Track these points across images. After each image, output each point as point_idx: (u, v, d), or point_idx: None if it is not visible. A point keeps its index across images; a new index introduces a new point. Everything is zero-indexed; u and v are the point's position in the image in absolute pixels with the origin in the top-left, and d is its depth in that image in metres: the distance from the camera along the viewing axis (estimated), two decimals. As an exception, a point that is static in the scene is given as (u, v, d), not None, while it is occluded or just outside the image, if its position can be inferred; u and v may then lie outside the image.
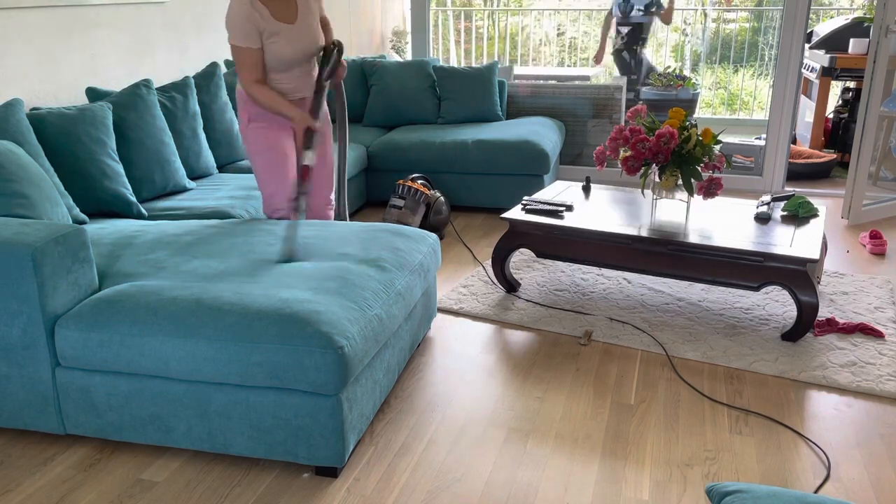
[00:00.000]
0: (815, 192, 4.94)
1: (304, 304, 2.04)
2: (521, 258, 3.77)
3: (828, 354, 2.75)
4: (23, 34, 3.35)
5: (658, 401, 2.49)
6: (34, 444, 2.27)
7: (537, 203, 3.31)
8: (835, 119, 5.94)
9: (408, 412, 2.44)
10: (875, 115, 4.14)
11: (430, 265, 2.68)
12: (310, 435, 2.03)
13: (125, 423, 2.15)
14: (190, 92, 3.66)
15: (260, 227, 2.73)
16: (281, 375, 1.97)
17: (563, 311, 3.15)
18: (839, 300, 3.23)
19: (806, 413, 2.42)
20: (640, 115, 3.14)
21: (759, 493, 1.24)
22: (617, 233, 2.99)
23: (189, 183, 3.49)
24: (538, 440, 2.28)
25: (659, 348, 2.83)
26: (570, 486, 2.07)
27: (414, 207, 3.94)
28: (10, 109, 2.78)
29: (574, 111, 5.09)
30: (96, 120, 3.08)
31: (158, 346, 2.03)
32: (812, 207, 3.16)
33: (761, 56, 8.07)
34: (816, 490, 2.06)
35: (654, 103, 6.53)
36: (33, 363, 2.14)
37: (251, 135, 2.94)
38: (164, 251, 2.49)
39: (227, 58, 4.84)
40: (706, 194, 3.00)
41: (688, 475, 2.12)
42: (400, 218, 3.92)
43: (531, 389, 2.57)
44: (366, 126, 4.91)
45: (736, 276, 2.84)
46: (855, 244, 3.98)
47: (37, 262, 2.03)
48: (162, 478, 2.11)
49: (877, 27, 4.01)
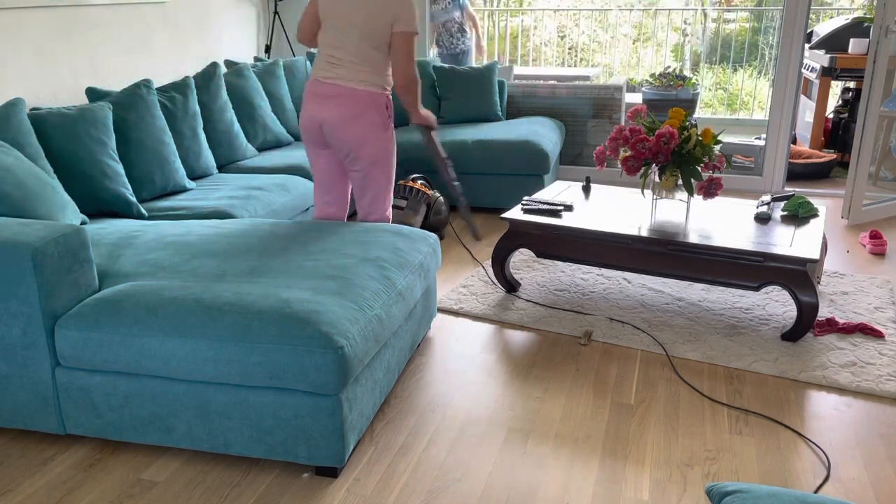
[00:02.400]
0: (815, 192, 4.94)
1: (304, 304, 2.04)
2: (521, 258, 3.77)
3: (828, 354, 2.75)
4: (23, 34, 3.35)
5: (658, 401, 2.49)
6: (34, 444, 2.27)
7: (537, 203, 3.31)
8: (835, 119, 5.94)
9: (408, 412, 2.44)
10: (875, 115, 4.14)
11: (430, 265, 2.68)
12: (310, 435, 2.03)
13: (125, 423, 2.15)
14: (190, 92, 3.66)
15: (260, 227, 2.73)
16: (281, 375, 1.97)
17: (563, 311, 3.15)
18: (839, 300, 3.23)
19: (806, 413, 2.42)
20: (640, 115, 3.14)
21: (759, 493, 1.24)
22: (617, 233, 2.99)
23: (189, 183, 3.49)
24: (538, 440, 2.28)
25: (659, 348, 2.83)
26: (570, 486, 2.07)
27: (415, 208, 3.94)
28: (11, 109, 2.78)
29: (574, 111, 5.10)
30: (96, 120, 3.08)
31: (158, 346, 2.03)
32: (812, 207, 3.16)
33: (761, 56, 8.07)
34: (816, 490, 2.06)
35: (654, 103, 6.54)
36: (33, 363, 2.14)
37: (390, 136, 2.79)
38: (164, 251, 2.49)
39: (227, 58, 4.85)
40: (706, 194, 3.00)
41: (688, 475, 2.12)
42: (402, 218, 3.92)
43: (531, 389, 2.57)
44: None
45: (736, 276, 2.84)
46: (855, 244, 3.98)
47: (37, 262, 2.03)
48: (162, 478, 2.11)
49: (877, 27, 4.01)
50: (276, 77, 4.51)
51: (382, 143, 2.81)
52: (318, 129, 2.83)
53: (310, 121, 2.83)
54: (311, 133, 2.86)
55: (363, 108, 2.75)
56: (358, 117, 2.76)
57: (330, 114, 2.76)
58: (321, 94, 2.77)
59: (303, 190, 3.65)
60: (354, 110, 2.75)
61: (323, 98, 2.77)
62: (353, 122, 2.76)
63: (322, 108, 2.78)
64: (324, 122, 2.79)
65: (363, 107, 2.75)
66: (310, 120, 2.83)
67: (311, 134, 2.87)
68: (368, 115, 2.76)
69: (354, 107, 2.75)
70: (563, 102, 5.09)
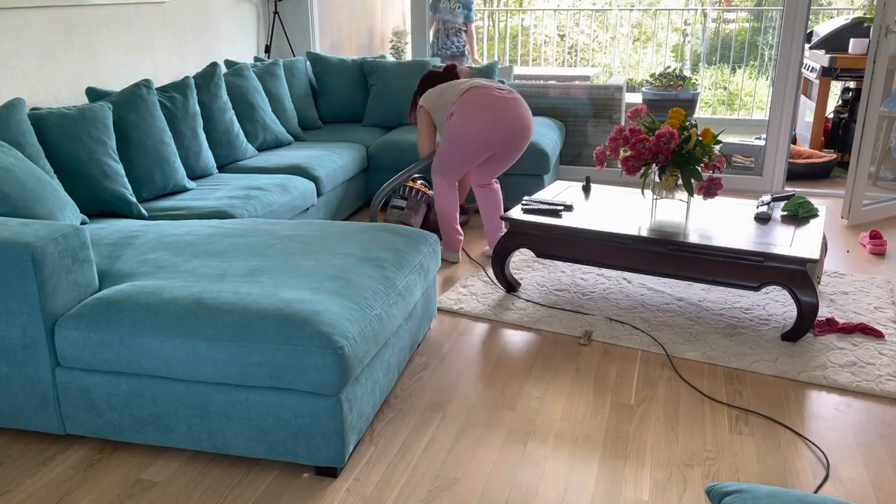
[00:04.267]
0: (815, 192, 4.94)
1: (304, 304, 2.04)
2: (521, 258, 3.77)
3: (828, 354, 2.76)
4: (23, 34, 3.35)
5: (658, 401, 2.49)
6: (34, 444, 2.27)
7: (537, 203, 3.31)
8: (835, 119, 5.94)
9: (408, 412, 2.44)
10: (875, 115, 4.14)
11: (430, 265, 2.68)
12: (310, 435, 2.03)
13: (125, 423, 2.15)
14: (190, 92, 3.66)
15: (260, 227, 2.73)
16: (281, 375, 1.97)
17: (563, 311, 3.15)
18: (839, 300, 3.23)
19: (806, 413, 2.42)
20: (640, 114, 3.14)
21: (759, 493, 1.24)
22: (617, 233, 2.99)
23: (189, 183, 3.49)
24: (538, 440, 2.28)
25: (659, 348, 2.83)
26: (570, 486, 2.07)
27: (415, 207, 3.95)
28: (12, 109, 2.78)
29: (574, 111, 5.10)
30: (96, 120, 3.08)
31: (158, 346, 2.03)
32: (812, 207, 3.16)
33: (761, 56, 8.08)
34: (816, 490, 2.06)
35: (654, 103, 6.54)
36: (33, 363, 2.14)
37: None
38: (164, 251, 2.49)
39: (226, 58, 4.85)
40: (706, 194, 3.00)
41: (688, 475, 2.12)
42: (402, 218, 3.93)
43: (531, 389, 2.57)
44: (365, 126, 4.91)
45: (736, 276, 2.84)
46: (855, 244, 3.98)
47: (37, 262, 2.03)
48: (162, 478, 2.11)
49: (877, 27, 4.01)
50: (276, 77, 4.51)
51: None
52: (507, 129, 3.49)
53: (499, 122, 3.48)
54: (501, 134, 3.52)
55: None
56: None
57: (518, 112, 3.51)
58: (504, 96, 3.50)
59: (303, 190, 3.65)
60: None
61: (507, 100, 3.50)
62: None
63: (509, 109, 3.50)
64: (515, 119, 3.49)
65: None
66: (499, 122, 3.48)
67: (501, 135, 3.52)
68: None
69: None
70: (563, 102, 5.09)
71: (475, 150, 3.48)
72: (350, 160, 4.24)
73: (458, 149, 3.49)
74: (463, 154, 3.50)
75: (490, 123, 3.43)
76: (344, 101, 4.99)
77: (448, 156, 3.53)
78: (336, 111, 5.01)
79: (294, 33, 5.57)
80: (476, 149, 3.48)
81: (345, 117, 5.04)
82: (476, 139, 3.45)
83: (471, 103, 3.45)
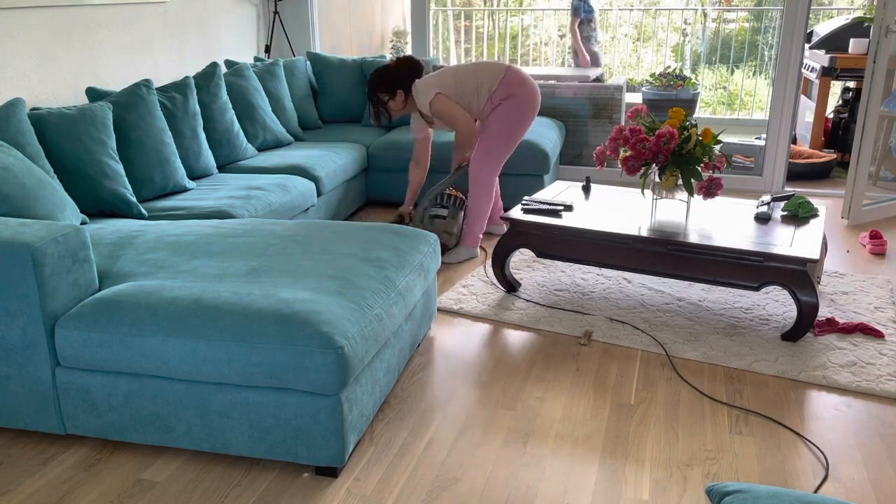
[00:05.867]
0: (815, 192, 4.94)
1: (303, 304, 2.04)
2: (521, 258, 3.77)
3: (828, 354, 2.76)
4: (23, 34, 3.35)
5: (658, 401, 2.49)
6: (34, 444, 2.27)
7: (537, 203, 3.31)
8: (835, 119, 5.94)
9: (408, 412, 2.44)
10: (875, 115, 4.14)
11: (429, 265, 2.68)
12: (310, 435, 2.03)
13: (125, 423, 2.15)
14: (190, 92, 3.66)
15: (260, 227, 2.73)
16: (281, 375, 1.97)
17: (563, 311, 3.15)
18: (839, 300, 3.23)
19: (806, 413, 2.42)
20: (640, 114, 3.14)
21: (759, 493, 1.24)
22: (617, 233, 2.99)
23: (189, 183, 3.49)
24: (538, 440, 2.28)
25: (659, 348, 2.83)
26: (570, 486, 2.07)
27: (455, 215, 3.79)
28: (12, 109, 2.78)
29: (574, 111, 5.10)
30: (96, 120, 3.08)
31: (158, 346, 2.03)
32: (812, 207, 3.16)
33: (761, 56, 8.07)
34: (816, 490, 2.06)
35: (654, 103, 6.54)
36: (33, 363, 2.14)
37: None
38: (164, 251, 2.49)
39: (226, 58, 4.85)
40: (706, 194, 3.00)
41: (688, 475, 2.12)
42: (445, 228, 3.74)
43: (531, 389, 2.57)
44: (365, 126, 4.91)
45: (736, 276, 2.84)
46: (855, 244, 3.98)
47: (37, 262, 2.03)
48: (162, 478, 2.11)
49: (877, 27, 4.01)
50: (276, 77, 4.51)
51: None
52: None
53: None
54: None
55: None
56: None
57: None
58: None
59: (303, 190, 3.65)
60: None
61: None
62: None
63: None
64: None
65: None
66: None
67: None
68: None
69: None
70: (563, 102, 5.09)
71: (527, 128, 3.65)
72: (350, 160, 4.24)
73: (517, 129, 3.61)
74: (520, 134, 3.65)
75: (537, 97, 3.64)
76: (344, 101, 4.99)
77: (507, 138, 3.62)
78: (336, 111, 5.01)
79: (294, 33, 5.58)
80: (528, 127, 3.65)
81: (345, 117, 5.04)
82: (531, 118, 3.64)
83: (520, 84, 3.59)
